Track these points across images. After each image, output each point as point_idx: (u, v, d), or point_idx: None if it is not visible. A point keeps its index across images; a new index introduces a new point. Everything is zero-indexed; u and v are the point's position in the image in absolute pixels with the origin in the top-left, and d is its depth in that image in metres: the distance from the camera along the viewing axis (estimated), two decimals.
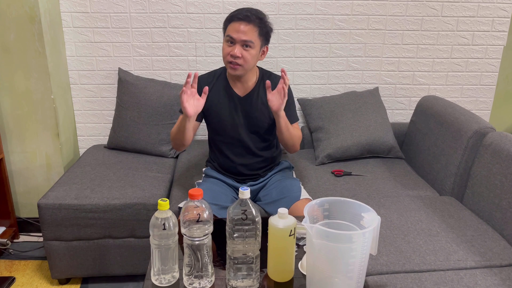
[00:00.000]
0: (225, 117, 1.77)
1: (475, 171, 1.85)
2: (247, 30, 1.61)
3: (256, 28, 1.63)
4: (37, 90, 2.21)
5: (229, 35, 1.63)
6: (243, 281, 1.14)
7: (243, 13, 1.62)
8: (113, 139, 2.41)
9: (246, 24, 1.61)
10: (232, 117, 1.77)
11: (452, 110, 2.09)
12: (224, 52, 1.66)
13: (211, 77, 1.80)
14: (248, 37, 1.61)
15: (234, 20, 1.63)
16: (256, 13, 1.65)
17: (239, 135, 1.79)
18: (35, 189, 2.38)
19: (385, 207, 1.81)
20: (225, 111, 1.77)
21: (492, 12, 2.52)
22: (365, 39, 2.53)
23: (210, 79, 1.79)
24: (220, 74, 1.80)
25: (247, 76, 1.74)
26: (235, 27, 1.62)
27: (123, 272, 2.01)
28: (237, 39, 1.61)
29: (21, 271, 2.13)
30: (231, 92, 1.77)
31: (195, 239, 1.10)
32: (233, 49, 1.62)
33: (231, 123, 1.77)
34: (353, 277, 1.06)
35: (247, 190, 1.10)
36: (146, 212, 1.90)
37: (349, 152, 2.30)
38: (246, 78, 1.75)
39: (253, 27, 1.62)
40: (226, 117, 1.77)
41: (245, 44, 1.62)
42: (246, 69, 1.67)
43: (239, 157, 1.82)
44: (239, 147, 1.81)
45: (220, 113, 1.77)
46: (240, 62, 1.64)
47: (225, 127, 1.78)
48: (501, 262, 1.47)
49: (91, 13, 2.37)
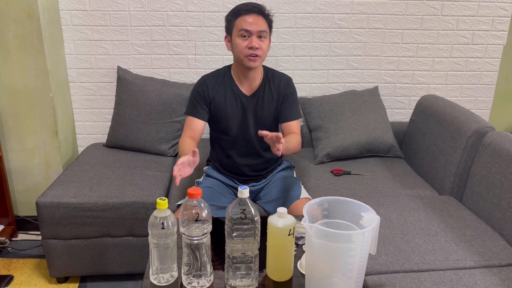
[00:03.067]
0: (233, 117, 1.75)
1: (475, 171, 1.85)
2: (259, 21, 1.63)
3: (265, 19, 1.66)
4: (36, 88, 2.21)
5: (243, 29, 1.62)
6: (242, 281, 1.14)
7: (250, 6, 1.64)
8: (112, 137, 2.40)
9: (256, 15, 1.63)
10: (240, 117, 1.76)
11: (451, 109, 2.09)
12: (241, 46, 1.64)
13: (216, 77, 1.77)
14: (262, 28, 1.63)
15: (242, 14, 1.64)
16: (259, 5, 1.67)
17: (246, 134, 1.77)
18: (34, 187, 2.38)
19: (385, 206, 1.80)
20: (233, 111, 1.75)
21: (492, 11, 2.51)
22: (365, 38, 2.53)
23: (215, 78, 1.77)
24: (225, 73, 1.78)
25: (255, 74, 1.74)
26: (246, 20, 1.62)
27: (121, 270, 2.01)
28: (252, 30, 1.62)
29: (20, 269, 2.12)
30: (238, 91, 1.75)
31: (194, 238, 1.10)
32: (251, 41, 1.62)
33: (239, 123, 1.76)
34: (352, 276, 1.06)
35: (246, 189, 1.10)
36: (145, 211, 1.90)
37: (349, 151, 2.30)
38: (254, 76, 1.74)
39: (263, 17, 1.65)
40: (234, 117, 1.75)
41: (260, 35, 1.63)
42: (263, 59, 1.69)
43: (244, 157, 1.80)
44: (244, 147, 1.80)
45: (228, 113, 1.75)
46: (259, 53, 1.64)
47: (233, 127, 1.77)
48: (500, 262, 1.47)
49: (90, 11, 2.36)
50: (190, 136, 1.74)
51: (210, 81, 1.75)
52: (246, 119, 1.76)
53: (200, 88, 1.74)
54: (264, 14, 1.66)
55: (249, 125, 1.77)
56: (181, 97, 2.33)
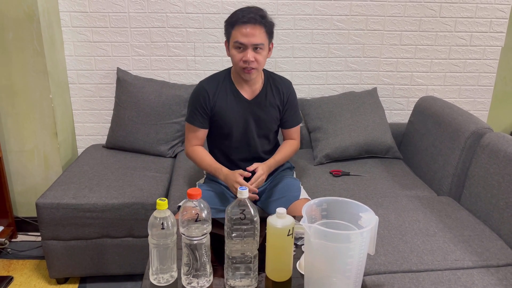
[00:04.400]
0: (235, 122, 1.73)
1: (473, 172, 1.86)
2: (256, 33, 1.56)
3: (262, 28, 1.58)
4: (35, 89, 2.21)
5: (237, 41, 1.57)
6: (242, 281, 1.15)
7: (247, 16, 1.56)
8: (111, 138, 2.41)
9: (252, 26, 1.55)
10: (242, 122, 1.74)
11: (450, 110, 2.10)
12: (236, 58, 1.60)
13: (215, 81, 1.73)
14: (258, 40, 1.57)
15: (238, 24, 1.57)
16: (257, 12, 1.59)
17: (249, 139, 1.77)
18: (33, 188, 2.38)
19: (383, 207, 1.81)
20: (235, 116, 1.73)
21: (490, 13, 2.53)
22: (364, 40, 2.54)
23: (215, 84, 1.73)
24: (225, 77, 1.75)
25: (256, 78, 1.71)
26: (242, 31, 1.56)
27: (121, 271, 2.01)
28: (247, 43, 1.56)
29: (19, 270, 2.12)
30: (239, 96, 1.73)
31: (194, 238, 1.11)
32: (245, 54, 1.58)
33: (242, 128, 1.75)
34: (351, 276, 1.06)
35: (246, 190, 1.11)
36: (145, 212, 1.90)
37: (347, 152, 2.31)
38: (254, 80, 1.72)
39: (260, 27, 1.57)
40: (237, 122, 1.73)
41: (255, 47, 1.58)
42: (259, 70, 1.67)
43: (245, 161, 1.78)
44: (247, 151, 1.79)
45: (230, 118, 1.73)
46: (254, 65, 1.60)
47: (235, 132, 1.75)
48: (498, 262, 1.48)
49: (89, 12, 2.37)
50: (197, 144, 1.76)
51: (209, 87, 1.71)
52: (248, 123, 1.75)
53: (201, 96, 1.70)
54: (262, 22, 1.57)
55: (251, 129, 1.76)
56: (180, 99, 2.34)
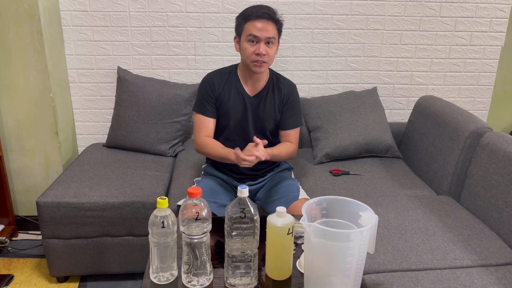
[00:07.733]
0: (234, 115, 1.78)
1: (472, 171, 1.86)
2: (269, 27, 1.64)
3: (274, 24, 1.67)
4: (36, 88, 2.21)
5: (251, 34, 1.64)
6: (241, 279, 1.15)
7: (260, 11, 1.64)
8: (112, 137, 2.41)
9: (266, 21, 1.64)
10: (241, 116, 1.78)
11: (449, 110, 2.10)
12: (248, 51, 1.66)
13: (222, 75, 1.80)
14: (271, 34, 1.65)
15: (252, 19, 1.64)
16: (269, 9, 1.68)
17: (245, 134, 1.79)
18: (34, 187, 2.38)
19: (383, 206, 1.81)
20: (235, 109, 1.77)
21: (490, 12, 2.53)
22: (364, 39, 2.54)
23: (221, 76, 1.79)
24: (231, 71, 1.80)
25: (260, 75, 1.76)
26: (256, 25, 1.63)
27: (121, 270, 2.02)
28: (261, 37, 1.63)
29: (20, 269, 2.13)
30: (241, 91, 1.78)
31: (194, 237, 1.11)
32: (258, 47, 1.64)
33: (239, 122, 1.79)
34: (351, 275, 1.07)
35: (246, 189, 1.11)
36: (145, 211, 1.91)
37: (347, 151, 2.31)
38: (259, 77, 1.76)
39: (272, 23, 1.66)
40: (236, 115, 1.78)
41: (268, 41, 1.65)
42: (269, 65, 1.71)
43: None
44: (244, 146, 1.81)
45: (230, 111, 1.77)
46: (266, 59, 1.66)
47: (233, 125, 1.79)
48: (497, 261, 1.48)
49: (90, 11, 2.37)
50: (206, 135, 1.78)
51: (216, 78, 1.78)
52: (246, 118, 1.78)
53: (208, 86, 1.77)
54: (274, 19, 1.67)
55: (248, 124, 1.79)
56: (181, 98, 2.34)
